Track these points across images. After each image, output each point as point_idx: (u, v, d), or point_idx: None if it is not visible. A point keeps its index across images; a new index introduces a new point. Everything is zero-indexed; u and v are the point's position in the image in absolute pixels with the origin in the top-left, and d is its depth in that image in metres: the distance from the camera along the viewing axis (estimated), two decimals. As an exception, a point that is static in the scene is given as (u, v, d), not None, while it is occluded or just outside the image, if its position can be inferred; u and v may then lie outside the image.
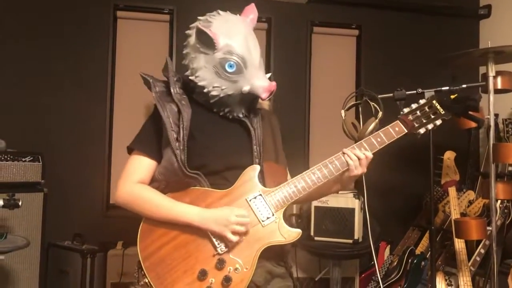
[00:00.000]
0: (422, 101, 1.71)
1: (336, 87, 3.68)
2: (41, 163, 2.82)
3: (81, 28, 3.29)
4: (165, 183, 1.56)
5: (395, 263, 3.18)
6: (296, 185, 1.56)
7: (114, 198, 1.58)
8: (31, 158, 2.79)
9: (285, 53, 3.61)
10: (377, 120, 2.16)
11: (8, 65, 3.16)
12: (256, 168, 1.57)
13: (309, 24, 3.66)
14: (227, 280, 1.45)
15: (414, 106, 1.70)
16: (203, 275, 1.46)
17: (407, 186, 3.56)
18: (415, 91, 2.20)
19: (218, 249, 1.48)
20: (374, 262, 2.43)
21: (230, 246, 1.48)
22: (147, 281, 1.49)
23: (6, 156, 2.71)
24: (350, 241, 2.81)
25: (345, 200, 2.86)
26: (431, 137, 2.24)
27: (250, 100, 1.63)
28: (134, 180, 1.56)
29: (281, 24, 3.61)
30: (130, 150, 1.63)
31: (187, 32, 1.62)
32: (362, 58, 3.76)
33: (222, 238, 1.48)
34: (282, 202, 1.55)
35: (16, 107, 3.15)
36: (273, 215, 1.53)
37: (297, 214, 3.11)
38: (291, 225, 1.55)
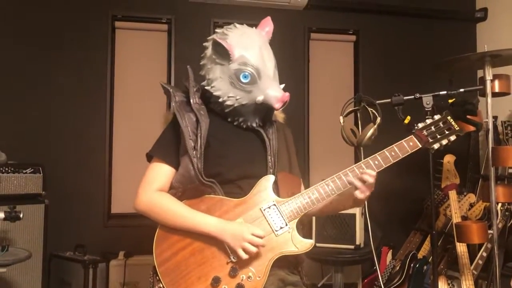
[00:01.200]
0: (436, 117, 1.72)
1: (334, 93, 3.69)
2: (42, 174, 2.83)
3: (80, 39, 3.30)
4: (182, 190, 1.59)
5: (397, 268, 3.17)
6: (310, 196, 1.59)
7: (133, 206, 1.62)
8: (32, 170, 2.80)
9: (283, 60, 3.55)
10: (375, 126, 2.18)
11: (8, 77, 3.16)
12: (271, 178, 1.60)
13: (307, 30, 3.68)
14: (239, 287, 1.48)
15: (428, 121, 1.71)
16: (216, 282, 1.49)
17: (408, 190, 3.56)
18: (413, 96, 2.21)
19: (232, 257, 1.51)
20: (376, 267, 2.43)
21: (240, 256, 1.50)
22: (161, 286, 1.52)
23: (7, 169, 2.72)
24: (352, 246, 2.81)
25: (346, 205, 2.85)
26: (430, 141, 2.24)
27: (264, 110, 1.67)
28: (154, 188, 1.60)
29: (279, 30, 3.58)
30: (150, 158, 1.67)
31: (205, 44, 1.67)
32: (360, 63, 3.76)
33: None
34: (296, 212, 1.57)
35: (16, 119, 3.15)
36: (286, 225, 1.55)
37: (299, 220, 3.10)
38: (304, 236, 1.57)
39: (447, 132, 1.69)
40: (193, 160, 1.53)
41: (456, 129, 1.70)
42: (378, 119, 2.25)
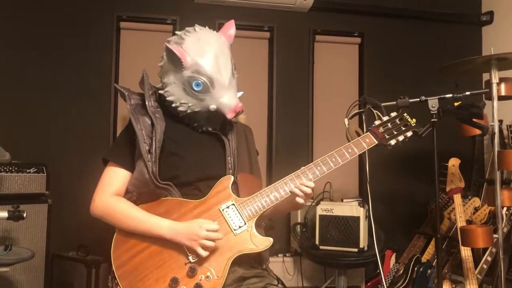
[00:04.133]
0: (393, 114, 1.81)
1: (339, 95, 3.68)
2: (45, 174, 2.83)
3: (85, 40, 3.31)
4: (137, 194, 1.59)
5: (401, 271, 3.16)
6: (269, 195, 1.60)
7: (90, 211, 1.65)
8: (36, 169, 2.80)
9: (288, 62, 3.62)
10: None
11: (12, 77, 3.17)
12: (230, 178, 1.61)
13: (311, 33, 3.67)
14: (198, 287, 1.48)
15: (385, 118, 1.79)
16: (174, 283, 1.48)
17: (412, 194, 3.55)
18: (418, 99, 2.19)
19: (190, 258, 1.51)
20: (380, 271, 2.41)
21: (200, 255, 1.51)
22: None
23: (10, 168, 2.72)
24: (356, 249, 2.80)
25: (350, 208, 2.85)
26: (436, 144, 2.23)
27: (219, 116, 1.65)
28: (110, 192, 1.61)
29: (284, 32, 3.62)
30: (105, 162, 1.68)
31: (165, 44, 1.64)
32: (365, 66, 3.76)
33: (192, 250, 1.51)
34: (255, 211, 1.58)
35: (20, 119, 3.16)
36: (245, 224, 1.56)
37: (301, 223, 3.10)
38: (267, 234, 1.59)
39: (403, 128, 1.77)
40: (147, 164, 1.53)
41: (413, 125, 1.78)
42: (383, 122, 2.23)
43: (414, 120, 1.80)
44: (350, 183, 3.60)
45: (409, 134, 1.76)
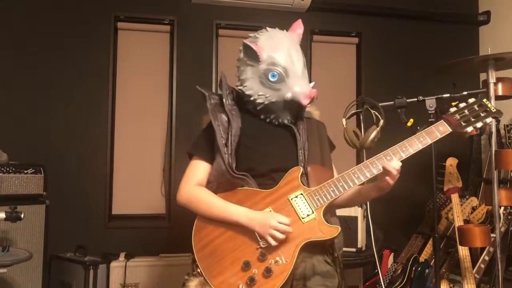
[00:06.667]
0: (471, 100, 1.72)
1: (337, 95, 3.68)
2: (43, 175, 2.82)
3: (82, 40, 3.30)
4: (216, 184, 1.73)
5: (399, 271, 3.16)
6: (336, 185, 1.67)
7: (176, 198, 1.79)
8: (33, 170, 2.79)
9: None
10: (378, 128, 2.16)
11: (9, 77, 3.16)
12: (299, 169, 1.70)
13: (309, 33, 3.67)
14: (268, 271, 1.58)
15: (462, 105, 1.71)
16: (246, 266, 1.61)
17: (410, 194, 3.54)
18: (415, 99, 2.20)
19: (261, 243, 1.62)
20: (378, 270, 2.41)
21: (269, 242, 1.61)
22: (199, 270, 1.66)
23: (8, 169, 2.71)
24: (354, 249, 2.80)
25: (348, 208, 2.85)
26: (433, 144, 2.23)
27: (295, 107, 1.78)
28: (193, 183, 1.76)
29: (281, 33, 3.61)
30: (190, 156, 1.84)
31: (240, 48, 1.79)
32: (362, 66, 3.76)
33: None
34: (322, 200, 1.65)
35: (17, 120, 3.15)
36: (313, 212, 1.64)
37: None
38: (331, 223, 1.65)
39: (482, 115, 1.68)
40: (223, 156, 1.68)
41: (493, 111, 1.68)
42: (381, 122, 2.23)
43: (493, 106, 1.71)
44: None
45: (488, 120, 1.68)
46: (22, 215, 2.38)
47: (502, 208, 2.82)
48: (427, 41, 3.82)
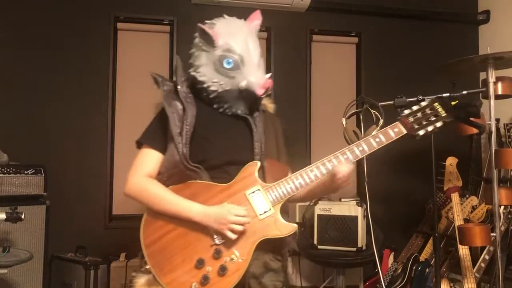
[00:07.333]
0: (423, 103, 1.74)
1: (337, 95, 3.69)
2: (43, 175, 2.83)
3: (82, 40, 3.30)
4: (167, 175, 1.64)
5: (399, 270, 3.16)
6: (294, 181, 1.63)
7: (123, 191, 1.69)
8: (33, 170, 2.80)
9: (285, 62, 3.62)
10: (378, 128, 2.17)
11: (9, 78, 3.16)
12: (257, 164, 1.65)
13: (309, 32, 3.67)
14: (222, 269, 1.54)
15: (415, 108, 1.72)
16: (200, 263, 1.54)
17: (410, 193, 3.55)
18: (415, 98, 2.20)
19: (216, 240, 1.56)
20: (378, 270, 2.42)
21: (227, 238, 1.56)
22: (148, 267, 1.59)
23: (8, 169, 2.72)
24: (354, 249, 2.80)
25: (348, 208, 2.85)
26: (433, 143, 2.24)
27: (249, 98, 1.70)
28: (142, 173, 1.66)
29: (281, 32, 3.62)
30: (140, 144, 1.74)
31: (195, 34, 1.73)
32: (362, 65, 3.76)
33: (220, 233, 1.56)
34: (280, 197, 1.61)
35: (18, 120, 3.15)
36: (270, 209, 1.60)
37: (300, 222, 3.10)
38: (288, 221, 1.62)
39: (433, 119, 1.71)
40: (177, 146, 1.59)
41: (443, 115, 1.70)
42: (381, 121, 2.24)
43: (444, 110, 1.72)
44: (348, 182, 3.60)
45: (439, 124, 1.70)
46: (23, 216, 2.38)
47: (502, 207, 2.82)
48: (426, 41, 3.82)
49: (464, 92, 2.19)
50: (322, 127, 3.67)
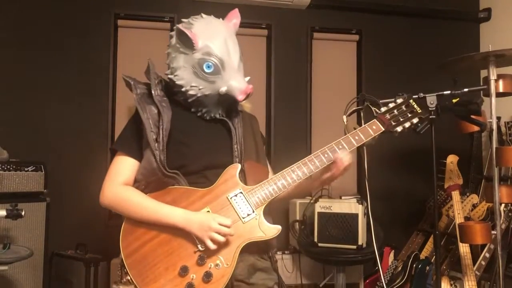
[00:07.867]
0: (399, 100, 1.77)
1: (337, 92, 3.68)
2: (43, 172, 2.83)
3: (82, 37, 3.30)
4: (145, 183, 1.59)
5: (400, 268, 3.16)
6: (276, 183, 1.61)
7: (99, 200, 1.62)
8: (34, 167, 2.79)
9: (286, 59, 3.62)
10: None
11: (10, 75, 3.16)
12: (237, 166, 1.61)
13: (309, 30, 3.67)
14: (207, 276, 1.49)
15: (391, 105, 1.75)
16: (184, 271, 1.49)
17: (410, 191, 3.55)
18: (416, 96, 2.19)
19: (199, 246, 1.51)
20: (378, 268, 2.41)
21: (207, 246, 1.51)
22: (129, 278, 1.53)
23: (8, 166, 2.71)
24: (354, 246, 2.80)
25: (349, 205, 2.85)
26: (434, 141, 2.23)
27: (227, 101, 1.67)
28: (119, 182, 1.60)
29: (281, 30, 3.62)
30: (114, 152, 1.68)
31: (171, 33, 1.66)
32: (363, 63, 3.76)
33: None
34: (263, 199, 1.58)
35: (18, 117, 3.15)
36: (253, 212, 1.57)
37: (300, 220, 3.10)
38: (274, 223, 1.59)
39: (409, 115, 1.74)
40: (155, 153, 1.53)
41: (419, 111, 1.74)
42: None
43: (419, 106, 1.76)
44: (348, 180, 3.60)
45: (415, 120, 1.73)
46: (23, 213, 2.38)
47: (503, 205, 2.82)
48: (427, 38, 3.82)
49: (465, 89, 2.18)
50: (322, 124, 3.67)
